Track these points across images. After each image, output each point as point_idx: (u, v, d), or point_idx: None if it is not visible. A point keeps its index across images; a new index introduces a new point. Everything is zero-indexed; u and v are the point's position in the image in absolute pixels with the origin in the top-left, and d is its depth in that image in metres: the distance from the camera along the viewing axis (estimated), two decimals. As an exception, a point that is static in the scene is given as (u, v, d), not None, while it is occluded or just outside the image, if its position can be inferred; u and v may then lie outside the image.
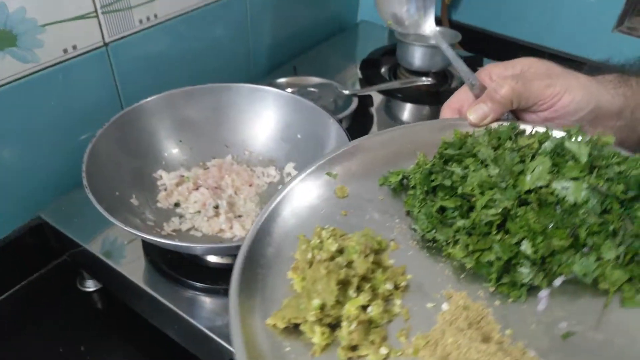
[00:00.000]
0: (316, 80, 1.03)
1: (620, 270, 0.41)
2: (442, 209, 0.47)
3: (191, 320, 0.66)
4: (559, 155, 0.46)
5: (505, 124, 0.54)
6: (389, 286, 0.43)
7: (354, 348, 0.40)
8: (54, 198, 0.82)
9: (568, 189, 0.42)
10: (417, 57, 1.10)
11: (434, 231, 0.46)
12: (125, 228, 0.60)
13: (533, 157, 0.47)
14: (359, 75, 1.16)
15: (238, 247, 0.66)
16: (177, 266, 0.71)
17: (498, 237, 0.43)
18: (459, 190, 0.46)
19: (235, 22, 1.06)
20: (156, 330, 0.75)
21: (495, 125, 0.55)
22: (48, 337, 0.79)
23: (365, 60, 1.17)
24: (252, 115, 0.82)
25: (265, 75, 1.17)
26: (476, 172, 0.46)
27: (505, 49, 1.26)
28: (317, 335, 0.40)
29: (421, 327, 0.42)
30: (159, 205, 0.75)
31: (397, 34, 1.11)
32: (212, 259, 0.72)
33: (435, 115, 1.06)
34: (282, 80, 1.02)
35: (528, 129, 0.54)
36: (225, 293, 0.69)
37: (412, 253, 0.47)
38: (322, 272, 0.41)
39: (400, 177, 0.51)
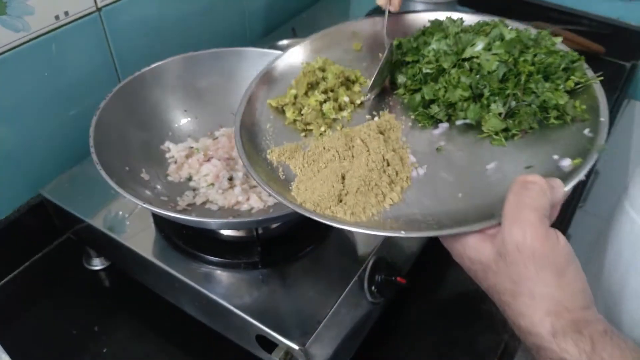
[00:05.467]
0: (318, 41, 0.99)
1: (499, 120, 0.55)
2: (407, 63, 0.64)
3: (213, 297, 0.64)
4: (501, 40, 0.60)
5: (489, 19, 0.66)
6: (346, 99, 0.63)
7: (308, 124, 0.61)
8: (54, 175, 0.78)
9: (488, 60, 0.57)
10: (418, 14, 1.07)
11: (400, 75, 0.64)
12: (144, 205, 0.57)
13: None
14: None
15: (255, 222, 0.65)
16: (191, 241, 0.69)
17: (430, 83, 0.60)
18: (421, 51, 0.63)
19: (228, -18, 1.01)
20: (167, 305, 0.73)
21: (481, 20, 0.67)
22: (58, 318, 0.77)
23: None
24: (259, 81, 0.79)
25: (262, 38, 1.13)
26: (439, 42, 0.61)
27: (505, 4, 1.23)
28: (289, 112, 0.62)
29: (354, 126, 0.61)
30: (169, 178, 0.73)
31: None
32: (227, 232, 0.70)
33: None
34: (283, 42, 0.98)
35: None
36: (244, 267, 0.68)
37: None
38: (301, 75, 0.64)
39: (398, 42, 0.66)
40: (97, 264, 0.83)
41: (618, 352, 0.43)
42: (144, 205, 0.58)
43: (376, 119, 0.61)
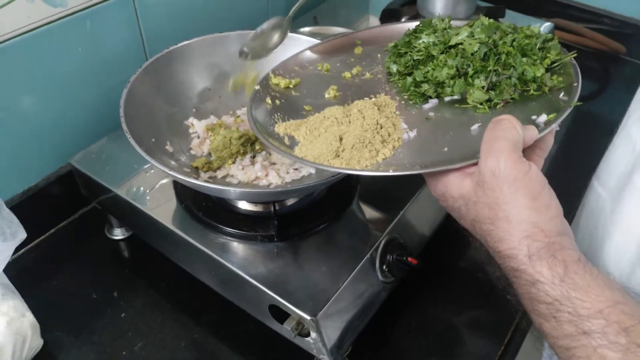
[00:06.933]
0: (339, 30, 1.02)
1: (482, 92, 0.61)
2: (401, 55, 0.69)
3: (229, 266, 0.66)
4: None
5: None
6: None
7: None
8: (83, 146, 0.81)
9: (471, 44, 0.62)
10: (440, 6, 1.08)
11: (392, 65, 0.69)
12: (169, 172, 0.60)
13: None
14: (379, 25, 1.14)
15: (274, 194, 0.67)
16: (211, 213, 0.72)
17: (421, 67, 0.66)
18: (412, 44, 0.68)
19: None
20: (183, 276, 0.76)
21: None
22: (79, 283, 0.80)
23: (386, 10, 1.15)
24: (282, 63, 0.81)
25: (285, 25, 1.14)
26: (428, 36, 0.66)
27: (527, 1, 1.24)
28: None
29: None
30: (192, 152, 0.75)
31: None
32: (245, 206, 0.72)
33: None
34: (305, 29, 1.00)
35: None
36: (261, 240, 0.70)
37: (376, 78, 0.71)
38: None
39: (394, 43, 0.70)
40: (119, 234, 0.86)
41: (589, 277, 0.44)
42: (170, 173, 0.61)
43: (373, 99, 0.66)
